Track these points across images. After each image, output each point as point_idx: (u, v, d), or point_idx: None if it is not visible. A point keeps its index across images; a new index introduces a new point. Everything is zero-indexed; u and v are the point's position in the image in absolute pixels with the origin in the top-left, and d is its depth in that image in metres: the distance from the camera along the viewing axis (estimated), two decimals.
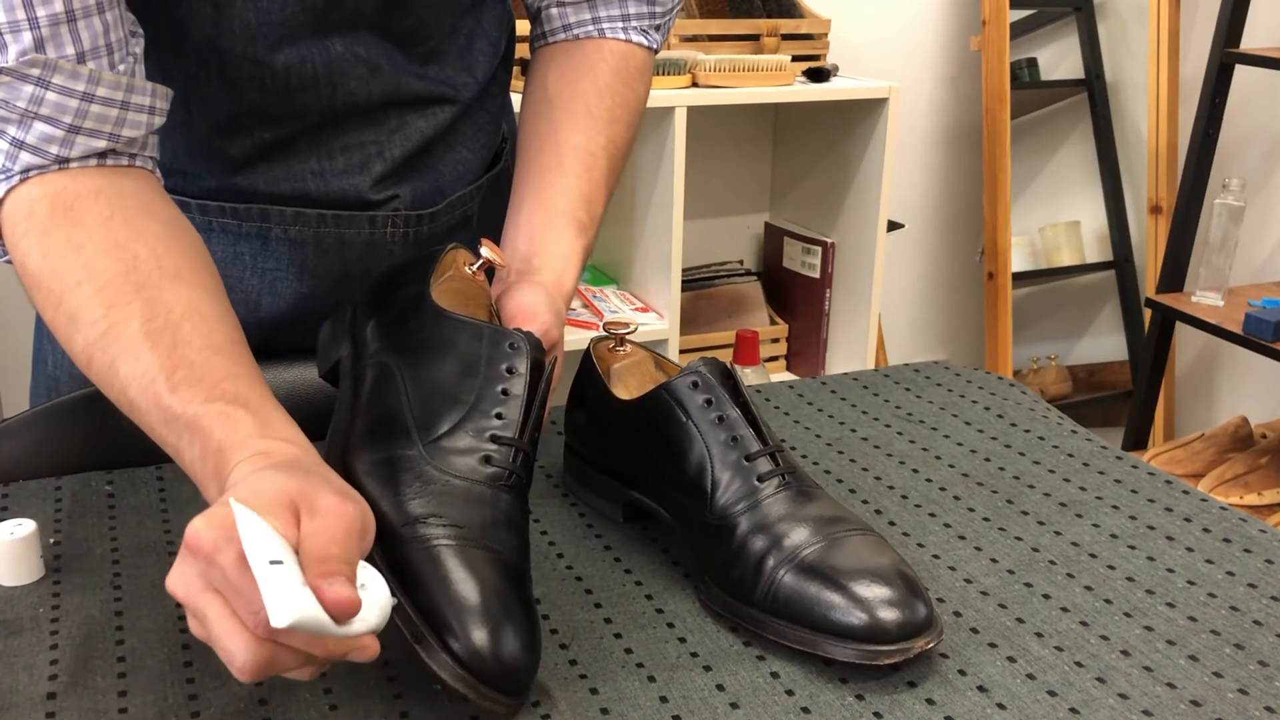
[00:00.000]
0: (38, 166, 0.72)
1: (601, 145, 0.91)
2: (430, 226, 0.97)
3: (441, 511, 0.64)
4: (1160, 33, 2.64)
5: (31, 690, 0.62)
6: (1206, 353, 2.81)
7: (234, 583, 0.54)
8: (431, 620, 0.60)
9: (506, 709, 0.60)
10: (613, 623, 0.70)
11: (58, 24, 0.70)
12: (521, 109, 0.95)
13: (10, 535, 0.72)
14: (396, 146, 0.93)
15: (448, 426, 0.68)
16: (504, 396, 0.69)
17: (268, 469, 0.60)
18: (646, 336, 2.10)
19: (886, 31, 2.54)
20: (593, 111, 0.91)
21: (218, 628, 0.54)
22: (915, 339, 2.83)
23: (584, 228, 0.88)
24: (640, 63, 0.95)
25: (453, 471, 0.66)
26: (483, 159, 1.02)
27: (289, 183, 0.91)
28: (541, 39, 0.96)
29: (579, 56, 0.94)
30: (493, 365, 0.70)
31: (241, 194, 0.91)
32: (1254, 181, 2.60)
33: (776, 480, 0.70)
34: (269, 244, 0.93)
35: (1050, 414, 1.01)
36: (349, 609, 0.54)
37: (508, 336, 0.70)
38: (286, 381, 0.95)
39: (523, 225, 0.87)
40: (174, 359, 0.66)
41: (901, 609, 0.64)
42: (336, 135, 0.91)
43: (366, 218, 0.93)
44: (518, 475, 0.67)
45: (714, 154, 2.45)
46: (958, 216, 2.77)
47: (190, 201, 0.91)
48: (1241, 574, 0.76)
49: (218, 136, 0.89)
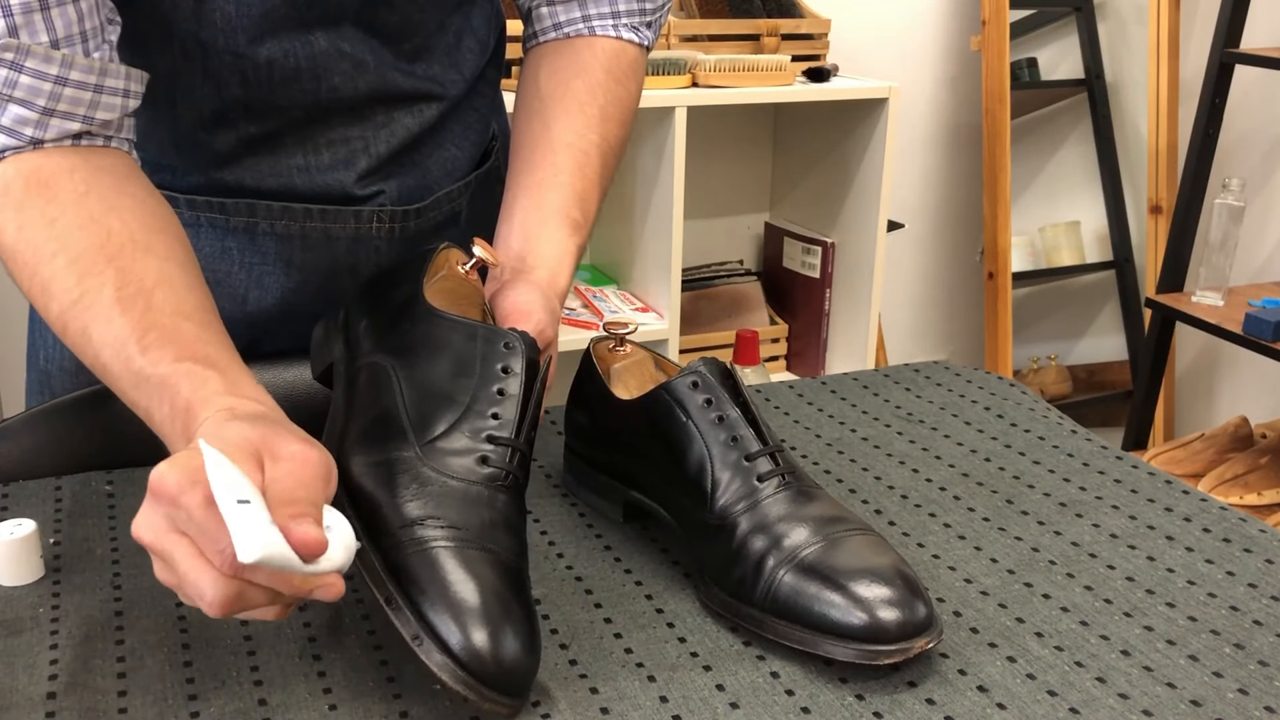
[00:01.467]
0: (13, 147, 0.73)
1: (594, 143, 0.90)
2: (417, 222, 0.97)
3: (439, 513, 0.64)
4: (1160, 33, 2.64)
5: (31, 690, 0.62)
6: (1206, 353, 2.81)
7: (200, 522, 0.55)
8: (430, 622, 0.59)
9: (507, 709, 0.60)
10: (613, 623, 0.70)
11: (31, 11, 0.71)
12: (515, 108, 0.95)
13: (10, 535, 0.72)
14: (383, 143, 0.93)
15: (444, 427, 0.68)
16: (500, 396, 0.69)
17: (232, 420, 0.61)
18: (646, 336, 2.10)
19: (886, 31, 2.54)
20: (585, 109, 0.91)
21: (185, 566, 0.56)
22: (915, 339, 2.83)
23: (578, 226, 0.88)
24: (632, 60, 0.95)
25: (449, 473, 0.66)
26: (471, 156, 1.02)
27: (275, 178, 0.91)
28: (533, 38, 0.96)
29: (570, 55, 0.94)
30: (488, 365, 0.69)
31: (228, 189, 0.92)
32: (1254, 181, 2.60)
33: (776, 480, 0.70)
34: (256, 239, 0.93)
35: (1050, 414, 1.01)
36: (316, 548, 0.55)
37: (503, 336, 0.70)
38: (286, 382, 0.95)
39: (516, 224, 0.87)
40: (145, 323, 0.68)
41: (901, 609, 0.64)
42: (322, 131, 0.91)
43: (352, 213, 0.94)
44: (515, 476, 0.67)
45: (714, 154, 2.45)
46: (958, 216, 2.77)
47: (178, 197, 0.91)
48: (1241, 574, 0.76)
49: (203, 130, 0.89)
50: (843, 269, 2.33)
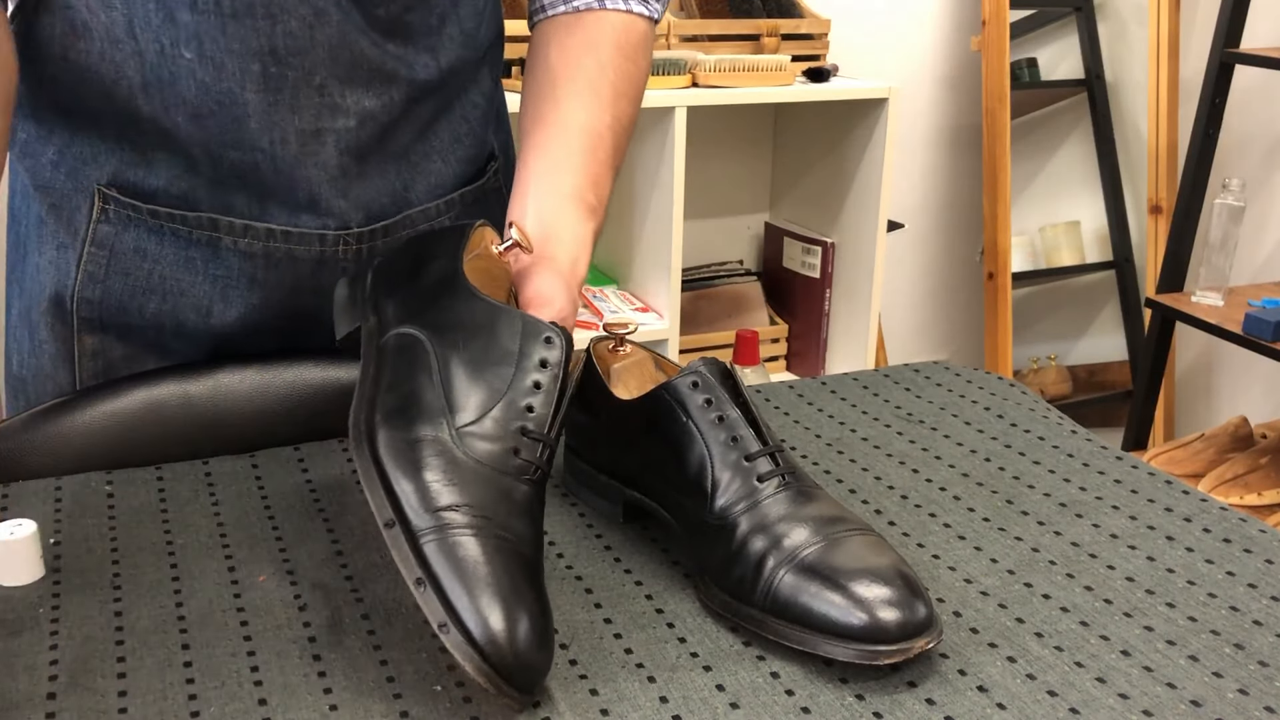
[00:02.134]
0: None
1: (607, 124, 0.89)
2: (385, 241, 0.94)
3: (470, 500, 0.64)
4: (1160, 33, 2.64)
5: (31, 690, 0.62)
6: (1206, 353, 2.81)
7: None
8: (456, 610, 0.60)
9: (518, 705, 0.60)
10: (612, 623, 0.70)
11: None
12: (524, 85, 0.93)
13: (10, 535, 0.72)
14: (351, 134, 0.88)
15: (479, 414, 0.67)
16: (535, 389, 0.69)
17: None
18: (646, 336, 2.10)
19: (886, 31, 2.54)
20: (597, 88, 0.90)
21: None
22: (915, 339, 2.83)
23: (593, 210, 0.86)
24: (642, 34, 0.94)
25: (482, 459, 0.66)
26: (458, 173, 0.98)
27: (244, 181, 0.87)
28: (541, 12, 0.94)
29: (580, 32, 0.92)
30: (527, 357, 0.69)
31: (188, 201, 0.89)
32: (1254, 181, 2.60)
33: (776, 480, 0.70)
34: (219, 253, 0.91)
35: (1050, 414, 1.01)
36: None
37: (543, 330, 0.70)
38: (286, 382, 0.95)
39: (531, 207, 0.85)
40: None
41: (901, 609, 0.64)
42: (287, 105, 0.85)
43: (317, 236, 0.91)
44: (542, 470, 0.68)
45: (714, 154, 2.45)
46: (958, 216, 2.77)
47: (141, 206, 0.89)
48: (1241, 574, 0.76)
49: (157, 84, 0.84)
50: (843, 269, 2.33)
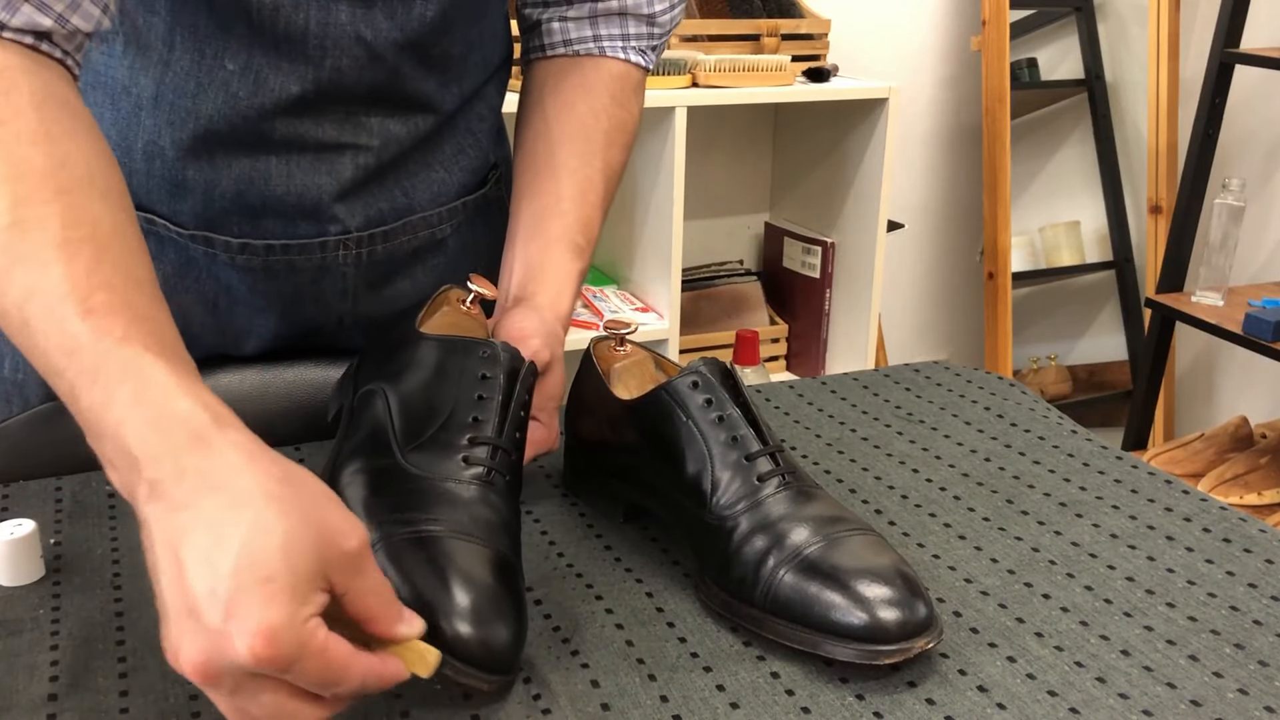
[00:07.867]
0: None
1: (598, 169, 0.91)
2: (385, 246, 0.93)
3: (421, 506, 0.66)
4: (1160, 33, 2.64)
5: (32, 691, 0.62)
6: (1206, 353, 2.81)
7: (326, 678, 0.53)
8: (416, 606, 0.60)
9: (490, 686, 0.61)
10: (614, 613, 0.70)
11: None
12: (517, 122, 0.94)
13: (10, 535, 0.72)
14: (372, 155, 0.88)
15: (428, 435, 0.70)
16: (479, 401, 0.71)
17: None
18: (646, 336, 2.10)
19: (886, 31, 2.53)
20: (590, 135, 0.91)
21: (286, 707, 0.53)
22: (915, 339, 2.83)
23: (581, 251, 0.89)
24: (636, 83, 0.96)
25: (433, 474, 0.68)
26: (460, 182, 0.97)
27: (251, 184, 0.86)
28: (539, 51, 0.95)
29: (576, 76, 0.93)
30: (466, 374, 0.72)
31: (187, 213, 0.87)
32: (1254, 181, 2.60)
33: (776, 480, 0.70)
34: (216, 265, 0.90)
35: (1050, 414, 1.01)
36: None
37: (480, 346, 0.73)
38: (286, 382, 0.95)
39: (519, 252, 0.88)
40: (92, 281, 0.58)
41: (901, 609, 0.64)
42: (311, 127, 0.85)
43: (318, 244, 0.90)
44: (498, 472, 0.69)
45: (714, 154, 2.45)
46: (958, 216, 2.77)
47: (138, 213, 0.87)
48: (1241, 574, 0.76)
49: (195, 84, 0.82)
50: (843, 269, 2.33)
